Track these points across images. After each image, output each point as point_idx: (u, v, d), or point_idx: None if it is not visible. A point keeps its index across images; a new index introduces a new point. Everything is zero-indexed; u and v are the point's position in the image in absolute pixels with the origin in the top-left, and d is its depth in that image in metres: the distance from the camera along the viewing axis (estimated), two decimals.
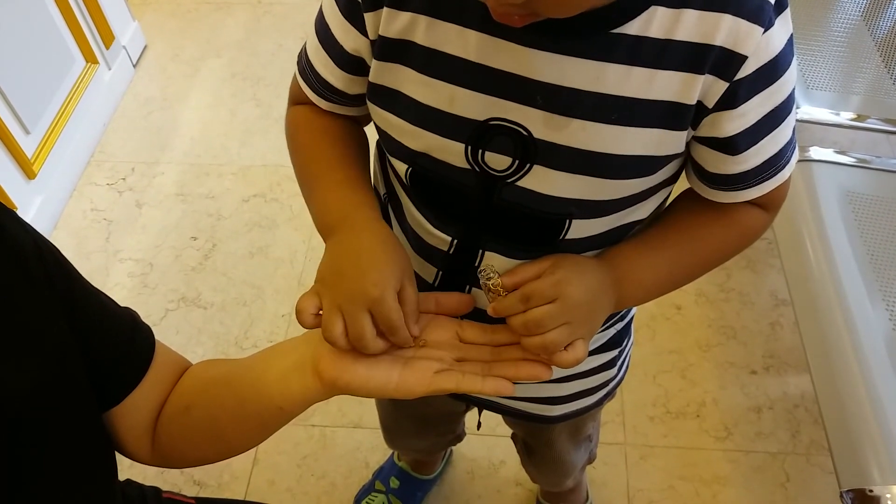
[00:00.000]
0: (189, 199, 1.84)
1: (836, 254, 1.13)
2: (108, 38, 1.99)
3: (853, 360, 1.04)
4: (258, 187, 1.85)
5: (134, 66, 2.15)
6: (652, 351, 1.54)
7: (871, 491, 0.91)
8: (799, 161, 1.25)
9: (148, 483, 0.80)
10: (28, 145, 1.70)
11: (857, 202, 1.19)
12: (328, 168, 0.67)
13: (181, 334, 1.58)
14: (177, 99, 2.08)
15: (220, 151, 1.94)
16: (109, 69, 2.02)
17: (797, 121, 1.44)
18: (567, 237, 0.62)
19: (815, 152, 1.23)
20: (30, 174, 1.69)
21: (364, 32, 0.60)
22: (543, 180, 0.59)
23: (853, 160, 1.25)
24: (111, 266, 1.71)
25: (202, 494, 1.39)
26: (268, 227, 1.77)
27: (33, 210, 1.70)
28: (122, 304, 0.66)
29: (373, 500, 1.32)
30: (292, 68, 0.69)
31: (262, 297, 1.65)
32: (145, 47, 2.21)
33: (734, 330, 1.57)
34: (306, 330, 0.60)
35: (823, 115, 1.31)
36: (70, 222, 1.81)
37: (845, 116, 1.34)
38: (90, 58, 1.94)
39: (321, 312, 0.58)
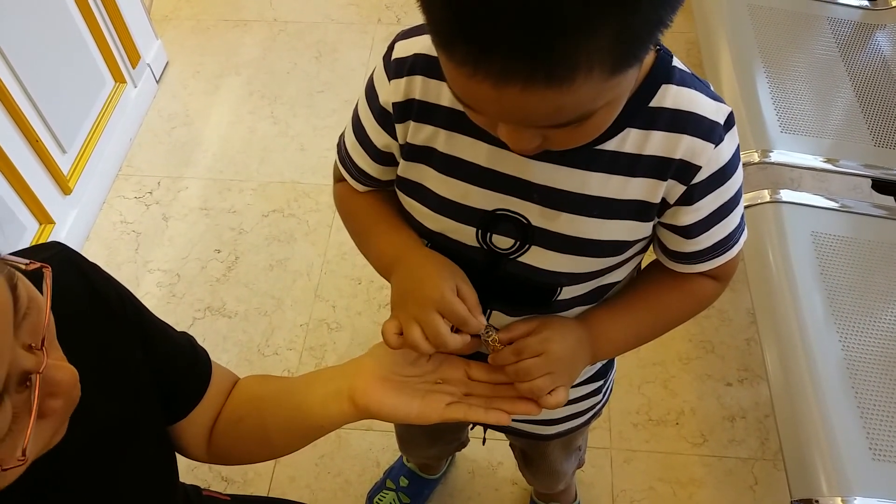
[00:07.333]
0: (212, 214, 1.97)
1: (799, 287, 1.27)
2: (134, 57, 2.12)
3: (808, 382, 1.16)
4: (276, 203, 1.99)
5: (157, 81, 2.28)
6: (637, 363, 1.68)
7: (817, 501, 1.05)
8: (769, 202, 1.40)
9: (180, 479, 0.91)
10: (64, 163, 1.84)
11: (820, 241, 1.32)
12: (373, 224, 0.81)
13: (208, 342, 1.72)
14: (198, 115, 2.21)
15: (241, 168, 2.07)
16: (135, 87, 2.14)
17: (770, 163, 1.57)
18: (558, 299, 0.76)
19: (786, 195, 1.36)
20: (66, 190, 1.83)
21: (394, 137, 0.74)
22: (540, 257, 0.72)
23: (819, 202, 1.39)
24: (141, 276, 1.85)
25: (229, 490, 1.54)
26: (286, 242, 1.91)
27: (69, 223, 1.84)
28: (152, 312, 0.77)
29: (384, 497, 1.47)
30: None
31: (282, 307, 1.79)
32: (167, 63, 2.33)
33: (712, 344, 1.72)
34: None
35: (795, 158, 1.44)
36: (101, 233, 1.94)
37: (817, 159, 1.47)
38: (118, 78, 2.07)
39: (401, 333, 0.69)
